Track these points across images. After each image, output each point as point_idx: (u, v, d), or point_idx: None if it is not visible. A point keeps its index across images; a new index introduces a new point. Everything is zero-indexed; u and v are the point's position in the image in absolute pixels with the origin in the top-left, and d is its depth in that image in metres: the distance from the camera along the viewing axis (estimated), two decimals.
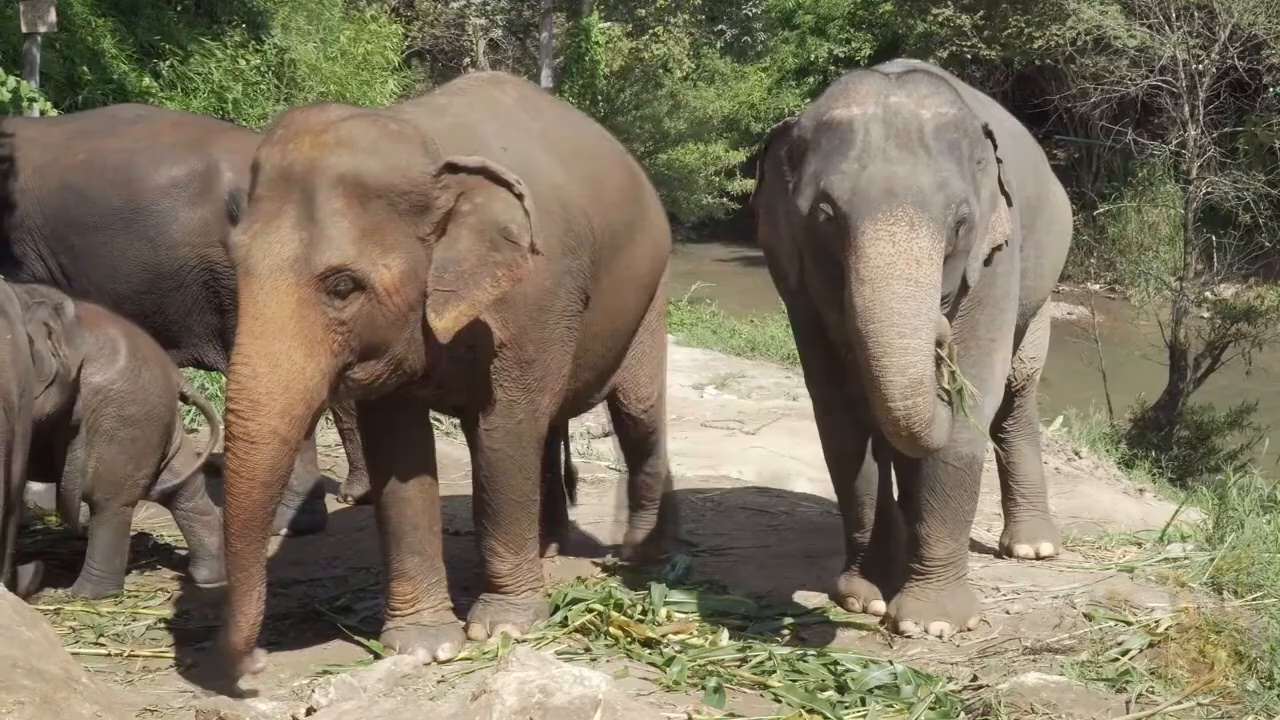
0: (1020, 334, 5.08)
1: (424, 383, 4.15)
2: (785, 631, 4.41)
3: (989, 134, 4.13)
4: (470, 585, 4.52)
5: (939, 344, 3.93)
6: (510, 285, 3.99)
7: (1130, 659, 4.14)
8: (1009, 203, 4.23)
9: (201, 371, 6.44)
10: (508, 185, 3.96)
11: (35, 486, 5.35)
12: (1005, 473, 5.43)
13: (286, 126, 3.92)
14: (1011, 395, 5.17)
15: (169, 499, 5.04)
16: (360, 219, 3.78)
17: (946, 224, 3.89)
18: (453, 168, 3.94)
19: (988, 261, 4.20)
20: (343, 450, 6.48)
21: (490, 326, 4.13)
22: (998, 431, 5.27)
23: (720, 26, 24.77)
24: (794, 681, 4.00)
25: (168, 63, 12.47)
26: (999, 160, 4.17)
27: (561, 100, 5.53)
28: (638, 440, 5.29)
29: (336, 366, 3.82)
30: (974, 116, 4.08)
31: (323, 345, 3.77)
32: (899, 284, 3.79)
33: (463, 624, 4.37)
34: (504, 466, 4.30)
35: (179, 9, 14.03)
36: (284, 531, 5.62)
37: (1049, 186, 5.16)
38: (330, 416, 6.41)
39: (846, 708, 3.85)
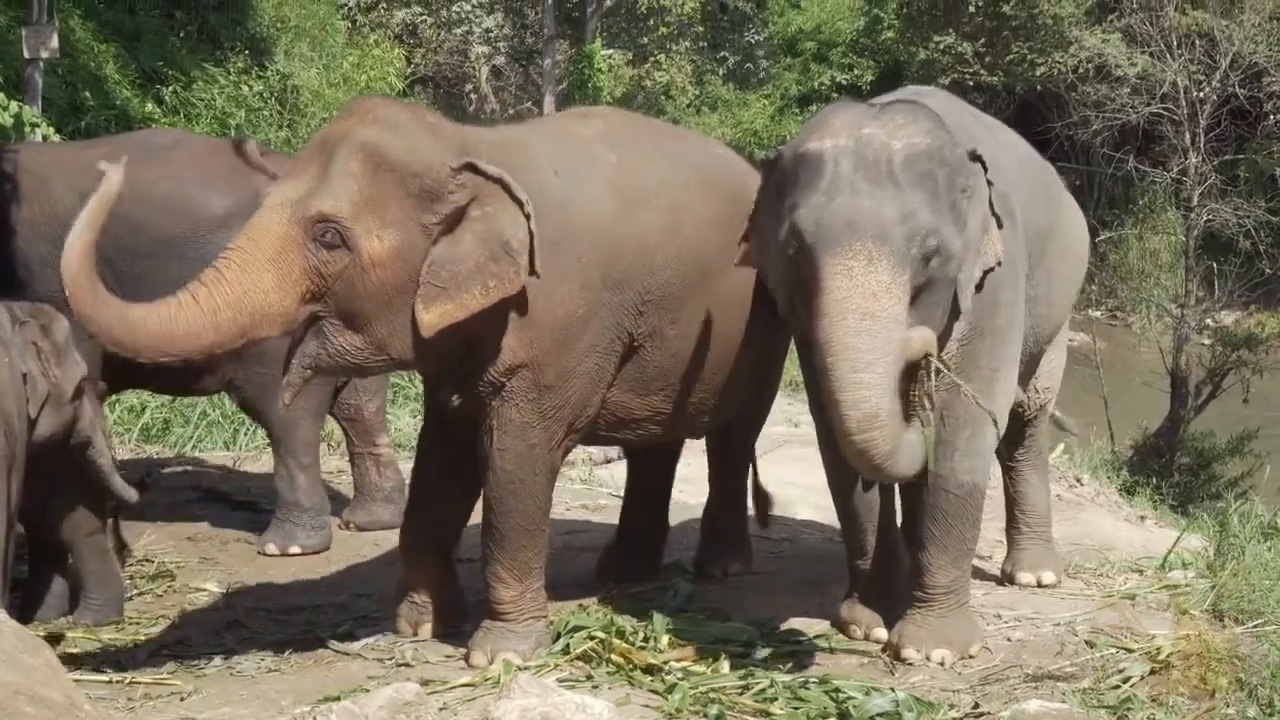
0: (1035, 362, 5.07)
1: (443, 387, 4.29)
2: (787, 659, 4.40)
3: (976, 159, 4.12)
4: (470, 612, 4.53)
5: (925, 356, 3.94)
6: (499, 297, 4.05)
7: (1132, 686, 4.14)
8: (999, 225, 4.21)
9: None
10: (519, 203, 4.03)
11: None
12: (1012, 501, 5.41)
13: (345, 109, 4.23)
14: (1023, 425, 5.17)
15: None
16: (368, 185, 3.94)
17: (910, 256, 3.86)
18: (473, 168, 4.04)
19: (980, 287, 4.19)
20: (348, 476, 6.47)
21: (512, 344, 4.19)
22: (1007, 461, 5.27)
23: (723, 54, 24.80)
24: (796, 709, 3.98)
25: (170, 89, 12.51)
26: (990, 184, 4.16)
27: (675, 130, 5.55)
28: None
29: (301, 313, 3.94)
30: (954, 145, 4.04)
31: (295, 286, 3.91)
32: (854, 318, 3.78)
33: (464, 650, 4.38)
34: (514, 490, 4.31)
35: (182, 35, 14.09)
36: (292, 550, 5.63)
37: (1062, 212, 5.11)
38: (343, 440, 6.42)
39: None
